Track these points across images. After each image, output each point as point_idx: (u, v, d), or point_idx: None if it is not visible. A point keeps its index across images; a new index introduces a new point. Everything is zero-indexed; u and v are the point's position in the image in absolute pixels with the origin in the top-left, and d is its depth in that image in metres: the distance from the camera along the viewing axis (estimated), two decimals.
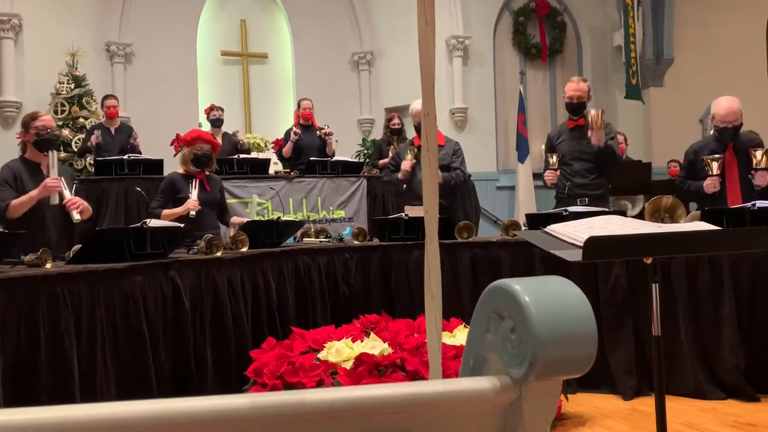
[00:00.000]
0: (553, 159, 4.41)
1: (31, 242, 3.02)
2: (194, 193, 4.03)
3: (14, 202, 3.40)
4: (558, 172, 4.42)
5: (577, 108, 4.47)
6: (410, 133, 7.15)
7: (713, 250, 2.61)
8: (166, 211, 3.95)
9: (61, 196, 3.47)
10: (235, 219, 4.32)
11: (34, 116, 3.65)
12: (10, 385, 2.15)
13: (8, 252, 2.56)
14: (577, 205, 3.94)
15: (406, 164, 4.70)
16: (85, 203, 3.64)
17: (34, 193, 3.41)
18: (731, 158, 4.24)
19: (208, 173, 4.25)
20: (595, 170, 4.47)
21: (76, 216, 3.48)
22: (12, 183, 3.49)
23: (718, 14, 8.68)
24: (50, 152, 3.50)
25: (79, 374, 2.33)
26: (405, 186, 4.80)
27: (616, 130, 7.36)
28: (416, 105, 4.78)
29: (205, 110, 7.27)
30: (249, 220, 4.21)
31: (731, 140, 4.23)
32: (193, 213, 3.88)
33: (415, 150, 4.67)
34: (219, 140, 6.86)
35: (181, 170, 4.23)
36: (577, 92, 4.45)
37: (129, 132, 6.63)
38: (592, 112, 4.30)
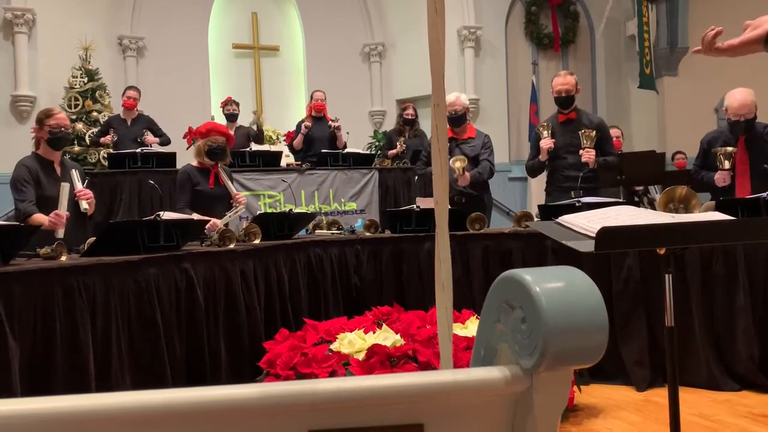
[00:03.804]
0: (547, 123, 4.46)
1: (43, 235, 3.05)
2: (225, 219, 3.94)
3: (36, 216, 3.43)
4: (553, 140, 4.40)
5: (566, 102, 4.45)
6: (423, 124, 7.16)
7: (727, 241, 2.59)
8: (195, 215, 3.94)
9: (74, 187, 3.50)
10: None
11: (48, 113, 3.68)
12: (27, 376, 2.18)
13: (24, 245, 2.59)
14: (571, 198, 3.92)
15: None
16: (93, 199, 3.67)
17: (45, 222, 3.37)
18: (743, 152, 4.20)
19: (221, 166, 4.25)
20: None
21: (84, 205, 3.52)
22: (30, 180, 3.52)
23: (733, 2, 8.58)
24: (62, 185, 3.48)
25: (94, 365, 2.36)
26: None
27: (626, 122, 7.32)
28: (449, 96, 4.71)
29: (221, 103, 7.29)
30: (260, 212, 4.20)
31: (743, 134, 4.19)
32: (207, 233, 3.82)
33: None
34: (232, 134, 6.90)
35: (194, 162, 4.24)
36: (565, 86, 4.42)
37: (145, 124, 6.66)
38: (584, 141, 4.28)
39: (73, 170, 3.65)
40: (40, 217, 3.43)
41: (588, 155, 4.26)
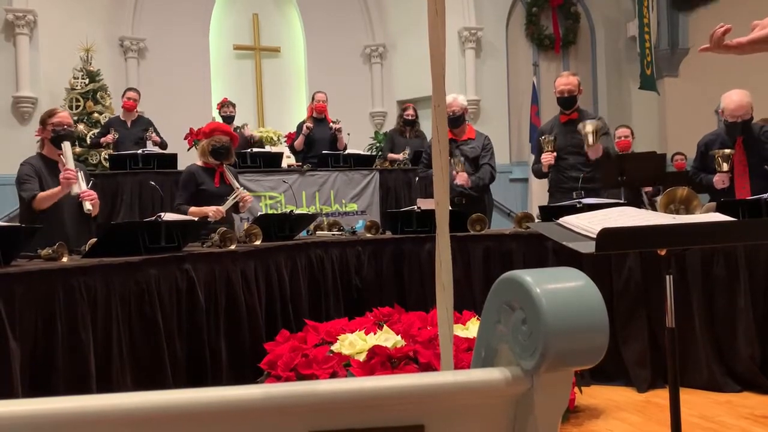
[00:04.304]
0: (548, 138, 4.40)
1: (48, 236, 3.05)
2: (227, 204, 4.00)
3: (41, 194, 3.44)
4: (554, 154, 4.39)
5: (568, 102, 4.45)
6: (424, 125, 7.17)
7: (728, 242, 2.59)
8: (193, 209, 3.95)
9: (79, 186, 3.52)
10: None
11: (51, 113, 3.69)
12: (28, 376, 2.18)
13: (26, 246, 2.59)
14: (573, 199, 3.92)
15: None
16: (97, 200, 3.67)
17: (56, 189, 3.43)
18: (741, 153, 4.21)
19: (226, 166, 4.25)
20: (590, 164, 4.44)
21: (88, 206, 3.52)
22: (34, 176, 3.53)
23: (733, 3, 8.58)
24: (63, 144, 3.52)
25: (95, 366, 2.36)
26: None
27: (627, 123, 7.33)
28: (446, 98, 4.69)
29: (218, 105, 7.29)
30: (261, 213, 4.22)
31: (740, 134, 4.20)
32: (211, 220, 3.86)
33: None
34: (236, 134, 6.90)
35: (199, 162, 4.24)
36: (568, 86, 4.43)
37: (145, 125, 6.67)
38: (587, 128, 4.24)
39: (78, 171, 3.65)
40: (46, 193, 3.44)
41: (595, 151, 4.23)
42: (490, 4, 8.71)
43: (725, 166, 4.13)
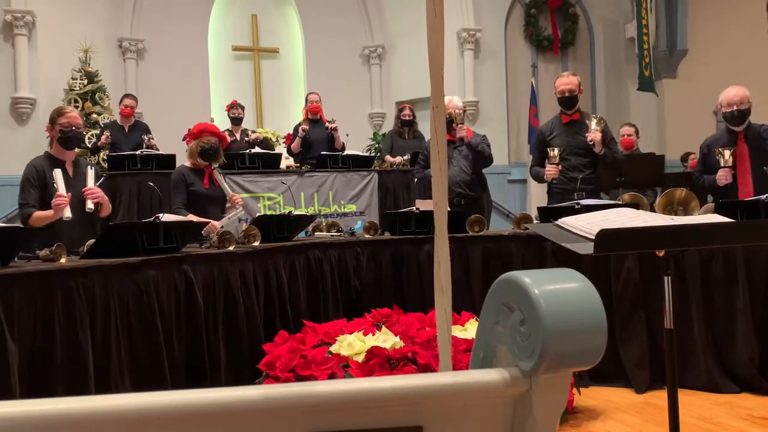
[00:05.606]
0: (554, 152, 4.35)
1: (51, 236, 3.05)
2: (223, 221, 3.94)
3: (37, 214, 3.39)
4: (559, 167, 4.37)
5: (569, 102, 4.44)
6: (423, 127, 7.17)
7: (727, 243, 2.59)
8: (191, 216, 3.94)
9: (85, 205, 3.47)
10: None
11: (60, 112, 3.63)
12: (27, 378, 2.18)
13: (27, 247, 2.59)
14: (575, 199, 3.92)
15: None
16: (106, 198, 3.63)
17: (50, 213, 3.36)
18: (743, 148, 4.21)
19: (214, 167, 4.24)
20: (591, 165, 4.44)
21: (90, 204, 3.48)
22: (36, 182, 3.47)
23: (732, 4, 8.59)
24: (54, 172, 3.42)
25: (93, 367, 2.36)
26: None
27: (629, 121, 7.34)
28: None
29: (227, 106, 7.29)
30: (260, 214, 4.23)
31: (738, 124, 4.20)
32: (204, 233, 3.84)
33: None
34: (237, 137, 6.91)
35: (188, 163, 4.24)
36: (569, 86, 4.42)
37: (143, 130, 6.67)
38: (593, 124, 4.29)
39: (88, 167, 3.64)
40: (40, 213, 3.40)
41: (594, 135, 4.24)
42: (488, 6, 8.72)
43: (727, 155, 4.11)
